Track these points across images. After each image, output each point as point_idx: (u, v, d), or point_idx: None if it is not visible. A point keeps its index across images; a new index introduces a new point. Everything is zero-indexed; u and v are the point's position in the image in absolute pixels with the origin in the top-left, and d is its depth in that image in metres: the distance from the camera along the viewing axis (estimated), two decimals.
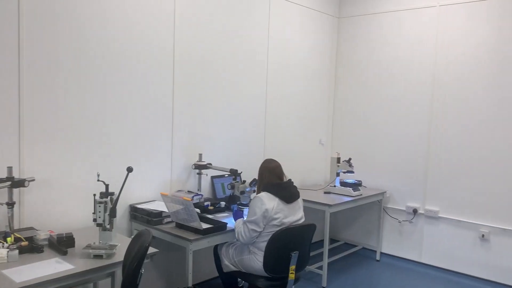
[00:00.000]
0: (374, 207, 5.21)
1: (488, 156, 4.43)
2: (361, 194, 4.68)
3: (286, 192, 3.11)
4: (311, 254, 4.83)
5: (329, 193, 4.71)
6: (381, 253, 5.15)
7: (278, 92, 4.78)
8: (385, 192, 5.09)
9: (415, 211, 4.93)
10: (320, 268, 4.28)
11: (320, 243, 4.55)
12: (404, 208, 5.03)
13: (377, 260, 5.03)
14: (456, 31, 4.60)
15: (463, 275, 4.59)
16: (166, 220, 3.29)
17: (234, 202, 3.61)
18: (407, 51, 4.96)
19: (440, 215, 4.77)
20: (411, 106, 4.95)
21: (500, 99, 4.35)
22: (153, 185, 3.61)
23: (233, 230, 3.20)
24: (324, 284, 4.20)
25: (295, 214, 3.14)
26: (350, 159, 4.80)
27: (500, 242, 4.38)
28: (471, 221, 4.56)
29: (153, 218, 3.25)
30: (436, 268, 4.78)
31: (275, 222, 3.01)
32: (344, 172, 4.83)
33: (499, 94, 4.35)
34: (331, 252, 5.05)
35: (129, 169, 2.67)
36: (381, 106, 5.19)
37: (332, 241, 5.52)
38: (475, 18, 4.47)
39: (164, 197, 3.18)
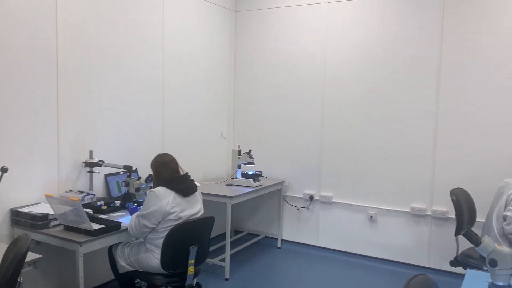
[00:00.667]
0: (274, 196, 5.38)
1: (374, 147, 4.81)
2: (261, 185, 4.80)
3: (183, 185, 3.06)
4: (215, 247, 4.93)
5: (231, 185, 4.75)
6: (282, 240, 5.34)
7: (177, 85, 4.68)
8: (284, 181, 5.28)
9: (311, 197, 5.19)
10: (223, 260, 4.30)
11: (224, 236, 4.57)
12: (301, 196, 5.27)
13: (278, 247, 5.21)
14: (343, 28, 4.91)
15: (356, 255, 4.95)
16: (53, 223, 3.05)
17: (129, 200, 3.46)
18: (300, 46, 5.17)
19: (334, 200, 5.08)
20: (305, 99, 5.17)
21: (392, 94, 4.73)
22: (37, 186, 3.31)
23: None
24: (227, 276, 4.24)
25: (193, 207, 3.10)
26: (250, 151, 4.89)
27: (386, 222, 4.80)
28: (361, 204, 4.92)
29: (37, 222, 2.99)
30: (332, 250, 5.09)
31: (171, 217, 2.95)
32: (245, 164, 4.90)
33: (393, 90, 4.73)
34: (235, 243, 5.11)
35: (4, 170, 2.42)
36: (278, 99, 5.35)
37: (236, 232, 5.60)
38: (360, 15, 4.81)
39: (49, 198, 2.94)
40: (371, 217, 4.85)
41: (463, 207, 3.79)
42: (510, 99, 4.15)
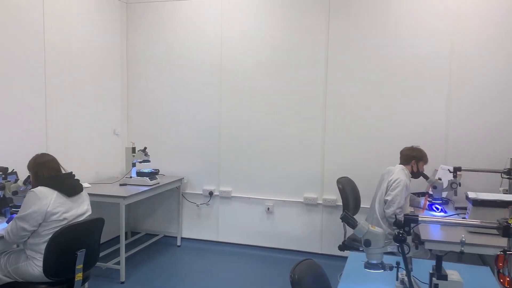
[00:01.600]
0: (173, 194, 5.27)
1: (269, 141, 4.95)
2: (158, 183, 4.66)
3: (66, 184, 2.84)
4: (110, 250, 4.69)
5: (125, 184, 4.55)
6: (182, 238, 5.26)
7: (63, 80, 4.34)
8: (183, 178, 5.20)
9: (211, 193, 5.19)
10: (118, 263, 4.10)
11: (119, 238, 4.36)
12: (201, 192, 5.24)
13: (178, 246, 5.12)
14: (237, 24, 4.97)
15: (255, 247, 5.06)
16: None
17: (6, 205, 3.13)
18: (194, 40, 5.13)
19: (233, 194, 5.13)
20: (202, 93, 5.15)
21: (284, 90, 4.89)
22: None
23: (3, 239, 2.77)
24: (123, 279, 4.05)
25: (79, 207, 2.90)
26: (145, 148, 4.73)
27: (282, 213, 4.98)
28: (258, 197, 5.04)
29: None
30: (232, 244, 5.15)
31: (55, 218, 2.72)
32: (140, 162, 4.73)
33: (283, 86, 4.89)
34: (132, 245, 4.92)
35: None
36: (174, 94, 5.25)
37: (133, 233, 5.39)
38: (257, 13, 4.91)
39: None
40: (268, 208, 5.00)
41: (349, 194, 4.08)
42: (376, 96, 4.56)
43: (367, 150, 4.63)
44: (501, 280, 1.74)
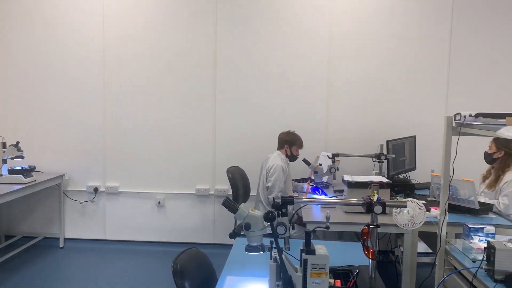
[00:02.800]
0: (53, 192, 4.85)
1: (158, 132, 4.82)
2: (34, 180, 4.26)
3: None
4: None
5: None
6: (65, 239, 4.88)
7: None
8: (64, 174, 4.82)
9: (96, 190, 4.89)
10: None
11: None
12: (85, 189, 4.91)
13: (61, 247, 4.75)
14: (124, 12, 4.74)
15: (146, 242, 4.90)
16: None
17: None
18: (75, 31, 4.78)
19: (120, 190, 4.90)
20: (84, 88, 4.81)
21: (174, 83, 4.78)
22: None
23: None
24: None
25: None
26: (18, 142, 4.29)
27: (173, 206, 4.90)
28: (148, 191, 4.88)
29: None
30: (121, 241, 4.91)
31: None
32: (12, 158, 4.27)
33: (173, 79, 4.77)
34: (6, 250, 4.45)
35: None
36: (52, 83, 4.83)
37: (7, 237, 4.86)
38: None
39: None
40: (159, 202, 4.87)
41: (238, 183, 4.16)
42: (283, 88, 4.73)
43: (256, 140, 4.74)
44: (366, 252, 1.90)
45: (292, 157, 3.97)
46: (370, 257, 1.90)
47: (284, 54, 4.68)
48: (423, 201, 3.25)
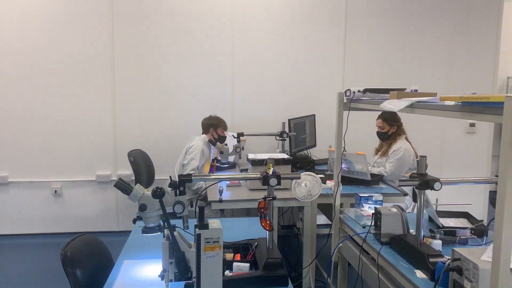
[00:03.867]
0: None
1: (53, 117, 4.46)
2: None
3: None
4: None
5: None
6: None
7: None
8: None
9: None
10: None
11: None
12: None
13: None
14: None
15: (41, 234, 4.54)
16: None
17: None
18: None
19: (10, 180, 4.47)
20: None
21: (67, 63, 4.41)
22: None
23: None
24: None
25: None
26: None
27: (72, 194, 4.59)
28: (43, 180, 4.51)
29: None
30: (11, 236, 4.50)
31: None
32: None
33: (67, 59, 4.41)
34: None
35: None
36: None
37: None
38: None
39: None
40: (56, 191, 4.53)
41: (141, 167, 4.01)
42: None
43: (159, 122, 4.60)
44: (263, 224, 1.94)
45: (220, 139, 3.95)
46: (267, 228, 1.94)
47: (186, 35, 4.57)
48: (322, 175, 3.43)
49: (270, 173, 1.93)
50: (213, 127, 3.97)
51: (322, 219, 4.23)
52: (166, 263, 1.57)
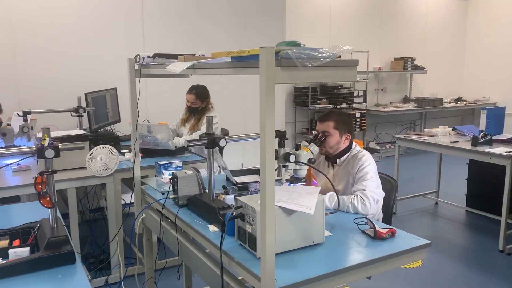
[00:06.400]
0: None
1: None
2: None
3: None
4: None
5: None
6: None
7: None
8: None
9: None
10: None
11: None
12: None
13: None
14: None
15: None
16: None
17: None
18: None
19: None
20: None
21: None
22: None
23: None
24: None
25: None
26: None
27: None
28: None
29: None
30: None
31: None
32: None
33: None
34: None
35: None
36: None
37: None
38: None
39: None
40: None
41: None
42: None
43: None
44: (42, 201, 1.73)
45: None
46: (48, 206, 1.74)
47: None
48: (127, 151, 3.30)
49: (46, 144, 1.72)
50: None
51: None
52: None
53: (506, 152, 3.70)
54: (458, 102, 8.31)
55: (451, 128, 4.66)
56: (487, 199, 4.48)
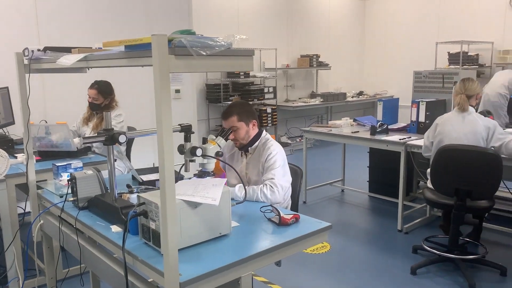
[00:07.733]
0: None
1: None
2: None
3: None
4: None
5: None
6: None
7: None
8: None
9: None
10: None
11: None
12: None
13: None
14: None
15: None
16: None
17: None
18: None
19: None
20: None
21: None
22: None
23: None
24: None
25: None
26: None
27: None
28: None
29: None
30: None
31: None
32: None
33: None
34: None
35: None
36: None
37: None
38: None
39: None
40: None
41: None
42: None
43: None
44: None
45: None
46: None
47: None
48: (23, 154, 3.01)
49: None
50: None
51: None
52: None
53: (400, 139, 4.02)
54: (360, 96, 8.89)
55: (353, 120, 4.96)
56: (386, 184, 4.83)
